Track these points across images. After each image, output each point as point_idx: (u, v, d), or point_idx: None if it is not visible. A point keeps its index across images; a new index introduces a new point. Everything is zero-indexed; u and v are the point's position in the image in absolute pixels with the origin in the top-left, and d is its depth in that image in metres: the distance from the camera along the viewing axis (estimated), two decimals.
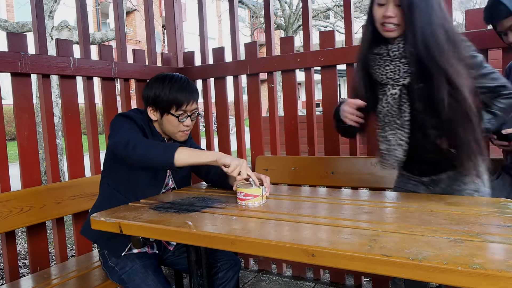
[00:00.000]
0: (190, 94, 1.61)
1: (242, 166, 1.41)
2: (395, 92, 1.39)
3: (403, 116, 1.39)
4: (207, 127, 2.98)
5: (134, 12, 18.12)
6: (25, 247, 3.49)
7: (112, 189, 1.65)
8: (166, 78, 1.62)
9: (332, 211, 1.28)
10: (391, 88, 1.40)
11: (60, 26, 5.66)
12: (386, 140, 1.44)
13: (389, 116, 1.42)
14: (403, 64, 1.37)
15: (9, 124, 11.67)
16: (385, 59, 1.41)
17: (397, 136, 1.41)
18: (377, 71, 1.43)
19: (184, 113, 1.62)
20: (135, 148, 1.43)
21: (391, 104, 1.40)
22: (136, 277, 1.56)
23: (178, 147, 1.42)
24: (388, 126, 1.43)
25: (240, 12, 21.34)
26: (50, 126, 2.17)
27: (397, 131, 1.41)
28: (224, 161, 1.42)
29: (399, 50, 1.37)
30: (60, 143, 4.64)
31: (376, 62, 1.43)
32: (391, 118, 1.41)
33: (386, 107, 1.42)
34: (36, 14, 2.15)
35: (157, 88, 1.60)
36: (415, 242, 0.95)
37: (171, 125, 1.63)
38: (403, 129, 1.40)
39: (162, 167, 1.60)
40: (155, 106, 1.63)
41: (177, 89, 1.59)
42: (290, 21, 12.98)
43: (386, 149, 1.44)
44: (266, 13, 2.66)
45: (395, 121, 1.41)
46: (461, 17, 13.43)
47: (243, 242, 1.05)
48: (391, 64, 1.39)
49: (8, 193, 1.89)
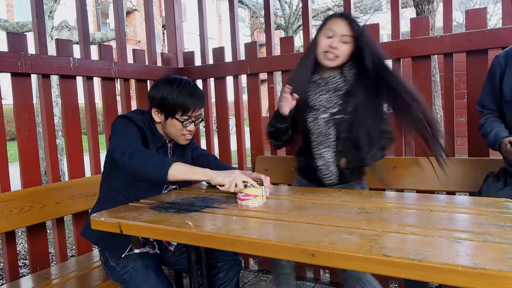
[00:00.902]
0: (197, 101, 1.60)
1: (236, 179, 1.40)
2: (325, 116, 1.65)
3: (330, 138, 1.66)
4: (207, 127, 2.97)
5: (134, 12, 18.12)
6: (25, 247, 3.49)
7: (113, 191, 1.64)
8: (175, 82, 1.59)
9: (332, 211, 1.28)
10: (322, 113, 1.66)
11: (60, 26, 5.66)
12: (321, 156, 1.69)
13: (321, 136, 1.67)
14: (335, 96, 1.65)
15: (9, 124, 11.67)
16: (321, 88, 1.66)
17: (329, 154, 1.67)
18: (311, 97, 1.67)
19: (189, 118, 1.61)
20: (131, 159, 1.43)
21: (322, 126, 1.66)
22: (138, 277, 1.56)
23: (173, 163, 1.42)
24: (321, 144, 1.67)
25: (240, 12, 21.32)
26: (50, 126, 2.17)
27: (329, 149, 1.66)
28: (218, 181, 1.41)
29: (334, 83, 1.64)
30: (60, 143, 4.63)
31: (312, 89, 1.68)
32: (323, 138, 1.67)
33: (318, 128, 1.67)
34: (36, 14, 2.15)
35: (165, 90, 1.58)
36: (415, 242, 0.95)
37: (175, 129, 1.62)
38: (332, 148, 1.66)
39: (156, 180, 1.60)
40: (160, 109, 1.61)
41: (185, 94, 1.57)
42: (290, 21, 12.98)
43: (324, 164, 1.69)
44: (266, 13, 2.66)
45: (326, 141, 1.66)
46: (461, 17, 13.43)
47: (243, 242, 1.05)
48: (326, 94, 1.66)
49: (8, 193, 1.89)
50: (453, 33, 2.06)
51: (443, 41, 2.03)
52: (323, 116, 1.64)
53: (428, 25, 2.14)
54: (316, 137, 1.68)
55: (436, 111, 4.44)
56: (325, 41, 1.59)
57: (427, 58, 2.12)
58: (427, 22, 2.14)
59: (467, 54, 2.04)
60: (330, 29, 1.58)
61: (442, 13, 2.20)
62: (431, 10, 4.45)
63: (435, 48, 2.07)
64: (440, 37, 2.05)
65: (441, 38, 2.04)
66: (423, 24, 2.13)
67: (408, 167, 2.09)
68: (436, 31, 5.05)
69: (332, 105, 1.64)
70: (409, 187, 2.11)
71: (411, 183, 2.09)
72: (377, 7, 13.79)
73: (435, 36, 2.07)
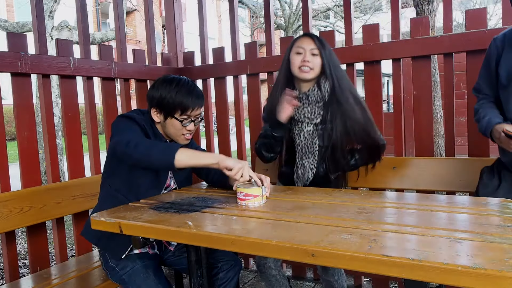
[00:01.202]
0: (196, 100, 1.60)
1: (244, 169, 1.41)
2: (310, 129, 1.79)
3: (314, 148, 1.80)
4: (207, 127, 2.97)
5: (134, 12, 18.12)
6: (25, 247, 3.49)
7: (113, 191, 1.64)
8: (174, 81, 1.59)
9: (332, 211, 1.28)
10: (307, 126, 1.79)
11: (60, 26, 5.66)
12: (303, 166, 1.83)
13: (305, 148, 1.81)
14: (317, 107, 1.77)
15: (9, 124, 11.66)
16: (303, 102, 1.78)
17: (310, 163, 1.81)
18: (295, 111, 1.78)
19: (188, 118, 1.60)
20: (136, 147, 1.42)
21: (307, 139, 1.80)
22: (137, 277, 1.56)
23: (179, 148, 1.41)
24: (304, 155, 1.82)
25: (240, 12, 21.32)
26: (50, 126, 2.17)
27: (310, 159, 1.81)
28: (226, 164, 1.41)
29: (314, 96, 1.77)
30: (60, 143, 4.63)
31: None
32: (307, 149, 1.81)
33: (303, 140, 1.81)
34: (36, 14, 2.15)
35: (164, 90, 1.58)
36: (415, 242, 0.95)
37: (174, 129, 1.62)
38: (314, 157, 1.81)
39: (162, 167, 1.59)
40: (159, 108, 1.60)
41: (184, 93, 1.57)
42: (290, 21, 12.98)
43: (302, 173, 1.83)
44: (266, 13, 2.66)
45: (309, 151, 1.81)
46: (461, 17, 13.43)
47: (243, 242, 1.05)
48: (308, 106, 1.78)
49: (8, 193, 1.89)
50: (453, 33, 2.06)
51: (443, 41, 2.03)
52: (308, 129, 1.79)
53: (428, 25, 2.14)
54: (301, 148, 1.83)
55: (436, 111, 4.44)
56: (297, 57, 1.76)
57: (427, 58, 2.12)
58: (427, 22, 2.14)
59: (467, 54, 2.04)
60: (299, 47, 1.77)
61: (442, 13, 2.20)
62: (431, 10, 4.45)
63: (435, 48, 2.07)
64: (440, 37, 2.05)
65: (441, 38, 2.04)
66: (423, 24, 2.13)
67: (408, 167, 2.09)
68: (436, 31, 5.04)
69: (315, 116, 1.78)
70: (409, 187, 2.11)
71: (411, 183, 2.09)
72: (377, 7, 13.80)
73: (435, 36, 2.07)
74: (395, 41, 2.17)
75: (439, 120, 4.38)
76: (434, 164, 2.02)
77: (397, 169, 2.12)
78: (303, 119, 1.79)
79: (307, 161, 1.82)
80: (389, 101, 12.23)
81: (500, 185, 1.61)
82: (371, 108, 2.27)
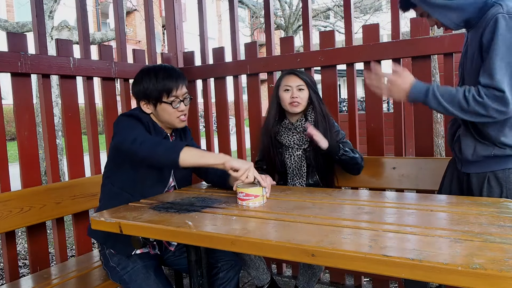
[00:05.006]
0: (178, 79, 1.65)
1: (250, 170, 1.42)
2: (299, 153, 2.03)
3: (302, 170, 2.03)
4: (207, 127, 2.98)
5: (134, 12, 18.10)
6: (25, 247, 3.49)
7: (117, 189, 1.64)
8: (151, 70, 1.65)
9: (332, 211, 1.28)
10: (296, 151, 2.03)
11: (60, 26, 5.66)
12: (294, 186, 2.04)
13: (296, 170, 2.04)
14: (304, 135, 1.99)
15: (9, 124, 11.66)
16: (292, 131, 2.03)
17: (300, 182, 2.04)
18: (285, 138, 2.04)
19: (176, 98, 1.64)
20: (142, 144, 1.45)
21: (297, 162, 2.03)
22: (138, 277, 1.56)
23: (184, 146, 1.42)
24: (296, 176, 2.05)
25: (240, 12, 21.32)
26: (50, 126, 2.17)
27: (300, 180, 2.04)
28: (233, 165, 1.41)
29: (301, 126, 2.00)
30: (60, 143, 4.63)
31: (284, 132, 2.05)
32: (297, 171, 2.04)
33: (294, 163, 2.04)
34: (36, 14, 2.15)
35: (145, 82, 1.63)
36: (415, 242, 0.95)
37: (167, 113, 1.65)
38: (303, 178, 2.04)
39: (167, 165, 1.61)
40: (147, 99, 1.65)
41: (163, 77, 1.62)
42: (290, 21, 12.97)
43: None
44: (266, 13, 2.66)
45: (299, 173, 2.03)
46: None
47: (243, 242, 1.05)
48: (297, 135, 2.03)
49: (8, 193, 1.89)
50: (453, 33, 2.06)
51: (443, 41, 2.03)
52: (298, 153, 2.03)
53: (428, 25, 2.14)
54: (292, 170, 2.05)
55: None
56: (286, 95, 1.99)
57: (427, 58, 2.12)
58: (427, 22, 2.13)
59: None
60: (286, 85, 1.99)
61: None
62: None
63: (435, 48, 2.07)
64: (440, 37, 2.05)
65: (441, 38, 2.04)
66: (423, 24, 2.13)
67: (408, 167, 2.09)
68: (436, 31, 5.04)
69: (304, 143, 2.02)
70: (409, 187, 2.11)
71: (411, 183, 2.09)
72: (377, 7, 13.78)
73: (435, 36, 2.07)
74: (395, 41, 2.17)
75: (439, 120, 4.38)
76: (434, 164, 2.02)
77: (397, 169, 2.12)
78: (293, 146, 2.03)
79: (298, 181, 2.04)
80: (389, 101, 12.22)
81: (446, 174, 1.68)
82: (371, 108, 2.27)
